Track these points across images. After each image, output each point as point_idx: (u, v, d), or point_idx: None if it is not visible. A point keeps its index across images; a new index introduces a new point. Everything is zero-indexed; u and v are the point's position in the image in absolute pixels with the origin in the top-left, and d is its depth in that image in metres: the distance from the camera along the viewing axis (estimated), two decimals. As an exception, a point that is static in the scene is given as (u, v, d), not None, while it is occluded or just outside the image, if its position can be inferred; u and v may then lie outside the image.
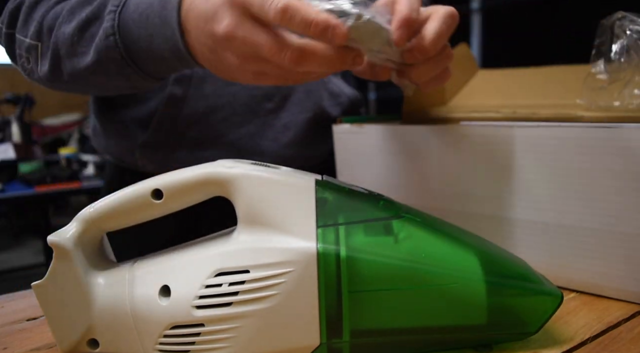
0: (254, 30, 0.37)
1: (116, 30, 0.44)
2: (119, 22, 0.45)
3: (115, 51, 0.45)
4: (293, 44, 0.37)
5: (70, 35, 0.47)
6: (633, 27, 0.43)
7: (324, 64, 0.38)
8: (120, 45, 0.45)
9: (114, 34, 0.45)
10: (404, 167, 0.53)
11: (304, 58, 0.37)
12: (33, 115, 2.88)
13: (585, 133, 0.41)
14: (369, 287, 0.33)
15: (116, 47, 0.45)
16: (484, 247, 0.36)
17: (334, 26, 0.35)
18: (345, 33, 0.36)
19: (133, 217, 0.36)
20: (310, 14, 0.35)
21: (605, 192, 0.41)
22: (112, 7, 0.45)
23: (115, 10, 0.45)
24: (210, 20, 0.39)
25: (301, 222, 0.34)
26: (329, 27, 0.35)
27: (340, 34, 0.35)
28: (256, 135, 0.62)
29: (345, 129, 0.58)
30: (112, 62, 0.46)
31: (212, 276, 0.33)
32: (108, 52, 0.45)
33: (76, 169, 2.37)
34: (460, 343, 0.35)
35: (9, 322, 0.45)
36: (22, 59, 0.52)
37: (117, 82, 0.49)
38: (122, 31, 0.45)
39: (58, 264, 0.35)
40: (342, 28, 0.35)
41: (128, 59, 0.45)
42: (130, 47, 0.45)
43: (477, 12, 3.11)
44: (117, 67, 0.46)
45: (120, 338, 0.35)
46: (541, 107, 0.49)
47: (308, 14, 0.35)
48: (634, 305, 0.42)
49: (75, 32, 0.47)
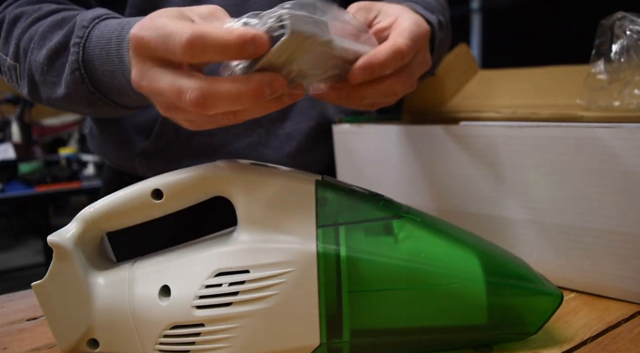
0: (158, 76, 0.32)
1: (81, 65, 0.43)
2: (84, 56, 0.43)
3: (82, 85, 0.44)
4: (191, 85, 0.31)
5: (41, 64, 0.46)
6: (633, 27, 0.43)
7: (235, 101, 0.31)
8: (86, 80, 0.44)
9: (79, 68, 0.43)
10: (404, 166, 0.53)
11: (207, 98, 0.31)
12: (33, 115, 2.88)
13: (585, 133, 0.41)
14: (369, 287, 0.33)
15: (83, 82, 0.44)
16: (484, 247, 0.36)
17: (253, 37, 0.29)
18: (267, 41, 0.29)
19: (133, 217, 0.36)
20: (221, 35, 0.29)
21: (605, 192, 0.41)
22: (76, 38, 0.44)
23: (79, 43, 0.43)
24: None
25: (301, 222, 0.34)
26: (247, 41, 0.29)
27: (262, 42, 0.29)
28: (259, 144, 0.61)
29: (345, 129, 0.58)
30: (81, 95, 0.45)
31: (212, 276, 0.33)
32: (76, 86, 0.44)
33: (76, 169, 2.37)
34: (460, 343, 0.35)
35: (9, 322, 0.45)
36: (6, 75, 0.52)
37: (93, 110, 0.48)
38: (87, 66, 0.43)
39: (58, 264, 0.35)
40: (262, 36, 0.29)
41: (96, 92, 0.44)
42: (96, 81, 0.44)
43: (477, 12, 3.11)
44: (87, 100, 0.46)
45: (120, 338, 0.35)
46: (541, 107, 0.49)
47: (219, 36, 0.29)
48: (634, 305, 0.42)
49: (45, 62, 0.46)
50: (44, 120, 3.39)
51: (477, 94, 0.58)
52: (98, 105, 0.46)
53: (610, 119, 0.42)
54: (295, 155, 0.63)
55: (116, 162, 0.65)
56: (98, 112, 0.49)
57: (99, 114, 0.51)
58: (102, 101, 0.45)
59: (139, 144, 0.61)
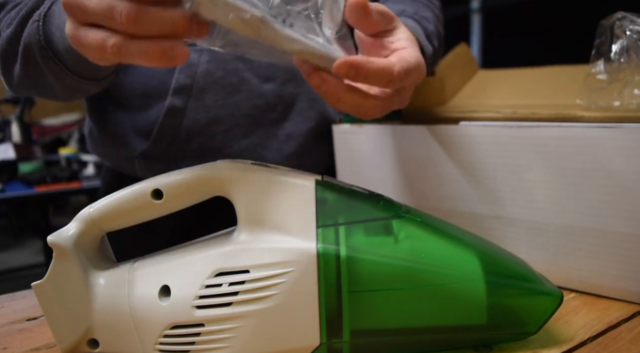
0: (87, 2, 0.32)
1: (41, 18, 0.45)
2: (48, 10, 0.45)
3: (36, 36, 0.45)
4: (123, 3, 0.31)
5: (14, 27, 0.48)
6: (633, 27, 0.43)
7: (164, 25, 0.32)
8: (41, 31, 0.45)
9: (39, 20, 0.45)
10: (404, 166, 0.53)
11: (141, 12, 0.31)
12: (33, 115, 2.88)
13: (585, 133, 0.41)
14: (369, 287, 0.33)
15: (37, 34, 0.45)
16: (484, 247, 0.36)
17: None
18: None
19: (133, 217, 0.36)
20: None
21: (605, 192, 0.41)
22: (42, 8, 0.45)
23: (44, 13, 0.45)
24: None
25: (301, 222, 0.34)
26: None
27: None
28: (259, 146, 0.61)
29: (345, 128, 0.58)
30: (35, 49, 0.46)
31: (212, 276, 0.33)
32: (31, 37, 0.45)
33: (76, 169, 2.37)
34: (460, 343, 0.35)
35: (9, 322, 0.45)
36: None
37: (45, 74, 0.49)
38: (47, 19, 0.45)
39: (58, 264, 0.35)
40: None
41: (49, 49, 0.45)
42: (49, 35, 0.45)
43: (477, 12, 3.11)
44: (39, 54, 0.46)
45: (120, 338, 0.35)
46: (541, 107, 0.49)
47: None
48: (634, 305, 0.42)
49: (17, 26, 0.47)
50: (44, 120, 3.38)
51: (477, 94, 0.58)
52: (51, 68, 0.47)
53: (610, 119, 0.42)
54: (295, 156, 0.62)
55: (115, 164, 0.65)
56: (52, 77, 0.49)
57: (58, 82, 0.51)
58: (52, 59, 0.46)
59: (139, 145, 0.61)
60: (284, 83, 0.61)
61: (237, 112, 0.60)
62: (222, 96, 0.59)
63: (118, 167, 0.65)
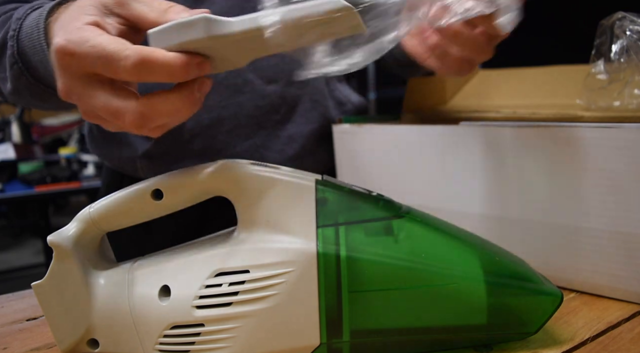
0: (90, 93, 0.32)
1: (17, 58, 0.43)
2: (18, 48, 0.42)
3: (22, 78, 0.44)
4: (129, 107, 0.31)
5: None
6: (633, 27, 0.43)
7: (173, 115, 0.32)
8: (25, 72, 0.43)
9: (17, 62, 0.43)
10: (404, 167, 0.53)
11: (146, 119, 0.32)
12: (33, 115, 2.88)
13: (585, 133, 0.41)
14: (369, 287, 0.33)
15: (22, 75, 0.43)
16: (484, 247, 0.36)
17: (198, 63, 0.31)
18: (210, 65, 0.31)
19: (133, 217, 0.36)
20: (167, 60, 0.30)
21: (605, 192, 0.41)
22: (11, 31, 0.43)
23: (14, 36, 0.43)
24: None
25: (301, 222, 0.34)
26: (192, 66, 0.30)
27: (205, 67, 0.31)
28: (261, 147, 0.61)
29: (345, 129, 0.58)
30: (25, 87, 0.45)
31: (212, 276, 0.33)
32: (18, 80, 0.44)
33: (76, 169, 2.37)
34: (460, 343, 0.35)
35: (9, 322, 0.45)
36: None
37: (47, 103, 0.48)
38: (22, 58, 0.43)
39: (58, 264, 0.35)
40: (205, 62, 0.31)
41: (38, 83, 0.44)
42: (34, 71, 0.43)
43: (477, 12, 3.10)
44: (33, 91, 0.45)
45: (120, 338, 0.35)
46: (541, 107, 0.49)
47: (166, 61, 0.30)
48: (634, 305, 0.42)
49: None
50: (44, 120, 3.38)
51: (477, 94, 0.58)
52: (45, 96, 0.46)
53: (610, 119, 0.42)
54: (297, 157, 0.62)
55: (117, 164, 0.65)
56: (52, 104, 0.48)
57: (59, 106, 0.50)
58: (47, 92, 0.45)
59: (141, 146, 0.60)
60: (287, 84, 0.61)
61: (240, 113, 0.59)
62: (225, 97, 0.59)
63: (119, 167, 0.65)
